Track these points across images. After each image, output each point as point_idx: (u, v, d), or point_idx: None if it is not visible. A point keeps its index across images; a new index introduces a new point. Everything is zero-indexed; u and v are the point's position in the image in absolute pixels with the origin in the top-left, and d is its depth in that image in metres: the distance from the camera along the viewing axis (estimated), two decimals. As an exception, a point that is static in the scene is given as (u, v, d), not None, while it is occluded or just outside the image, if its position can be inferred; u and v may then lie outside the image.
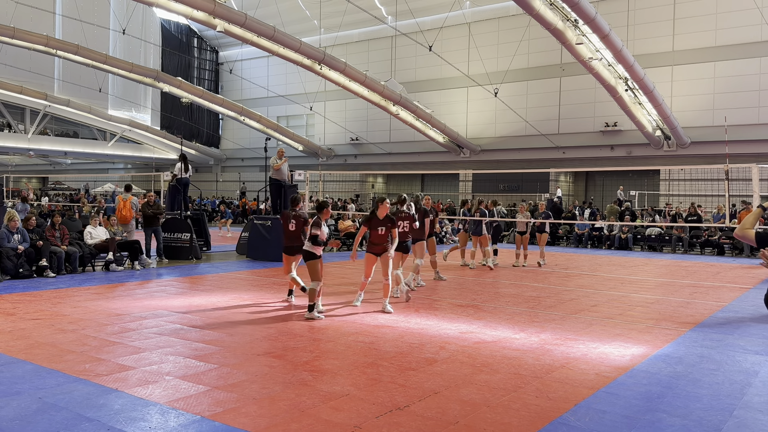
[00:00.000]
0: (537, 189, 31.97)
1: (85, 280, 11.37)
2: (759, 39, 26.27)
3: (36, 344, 6.40)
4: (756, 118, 26.41)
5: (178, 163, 16.35)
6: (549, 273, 13.73)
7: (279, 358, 6.03)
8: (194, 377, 5.34)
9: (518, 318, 8.21)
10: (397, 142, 36.88)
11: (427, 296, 10.15)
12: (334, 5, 33.05)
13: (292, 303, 9.15)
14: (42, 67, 37.03)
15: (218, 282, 11.33)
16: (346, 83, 29.12)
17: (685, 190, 27.62)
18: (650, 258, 18.14)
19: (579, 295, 10.43)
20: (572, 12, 20.44)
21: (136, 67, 32.51)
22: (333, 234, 19.41)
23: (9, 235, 11.19)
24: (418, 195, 12.51)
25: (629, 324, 7.96)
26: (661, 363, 6.06)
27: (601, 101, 28.94)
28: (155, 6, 23.91)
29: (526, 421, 4.43)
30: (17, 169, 49.73)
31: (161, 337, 6.80)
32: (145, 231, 14.65)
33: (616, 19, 27.53)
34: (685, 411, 4.70)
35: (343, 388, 5.11)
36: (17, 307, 8.49)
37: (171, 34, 44.16)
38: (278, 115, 42.49)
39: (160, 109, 44.82)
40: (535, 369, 5.78)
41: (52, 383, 5.11)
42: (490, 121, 33.60)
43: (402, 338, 6.98)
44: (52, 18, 37.72)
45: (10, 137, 40.69)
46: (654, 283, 12.36)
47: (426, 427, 4.29)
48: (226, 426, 4.24)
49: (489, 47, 32.76)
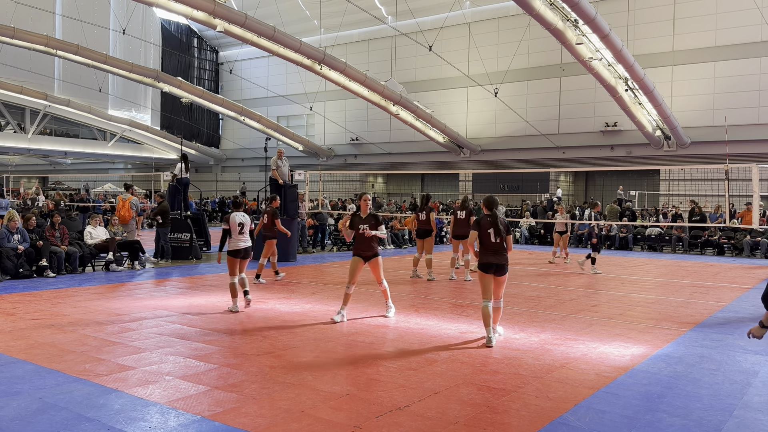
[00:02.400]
0: (537, 189, 31.97)
1: (85, 280, 11.37)
2: (759, 39, 26.27)
3: (36, 344, 6.40)
4: (756, 118, 26.40)
5: (179, 163, 16.35)
6: (549, 273, 13.74)
7: (279, 358, 6.03)
8: (194, 377, 5.34)
9: (518, 318, 8.21)
10: (397, 142, 36.88)
11: (427, 296, 10.15)
12: (334, 5, 33.05)
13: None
14: (42, 67, 37.03)
15: (218, 282, 11.33)
16: (346, 83, 29.12)
17: (685, 190, 27.62)
18: (650, 258, 18.14)
19: (579, 295, 10.43)
20: (572, 12, 20.45)
21: (136, 67, 32.51)
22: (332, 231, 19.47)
23: (9, 235, 11.19)
24: (467, 196, 12.69)
25: (629, 324, 7.96)
26: (661, 363, 6.06)
27: (601, 101, 28.94)
28: (155, 6, 23.91)
29: (526, 421, 4.43)
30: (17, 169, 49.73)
31: (161, 337, 6.80)
32: (158, 231, 14.61)
33: (616, 19, 27.53)
34: (685, 411, 4.70)
35: (343, 388, 5.11)
36: (17, 307, 8.49)
37: (171, 34, 44.15)
38: (278, 115, 42.49)
39: (160, 109, 44.82)
40: (535, 369, 5.78)
41: (52, 383, 5.11)
42: (490, 121, 33.60)
43: (402, 338, 6.98)
44: (52, 18, 37.71)
45: (10, 137, 40.70)
46: (654, 283, 12.36)
47: (426, 427, 4.29)
48: (226, 426, 4.24)
49: (489, 47, 32.76)
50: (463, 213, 12.19)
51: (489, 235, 6.83)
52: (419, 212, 12.40)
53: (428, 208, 12.37)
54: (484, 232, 6.87)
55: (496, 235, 6.81)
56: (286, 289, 10.55)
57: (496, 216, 6.90)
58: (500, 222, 6.86)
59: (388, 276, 12.72)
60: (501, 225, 6.84)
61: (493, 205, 7.02)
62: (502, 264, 6.82)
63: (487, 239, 6.85)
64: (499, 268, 6.81)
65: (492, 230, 6.83)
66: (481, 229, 6.90)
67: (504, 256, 6.84)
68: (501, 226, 6.83)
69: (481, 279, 6.86)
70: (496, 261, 6.80)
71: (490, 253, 6.83)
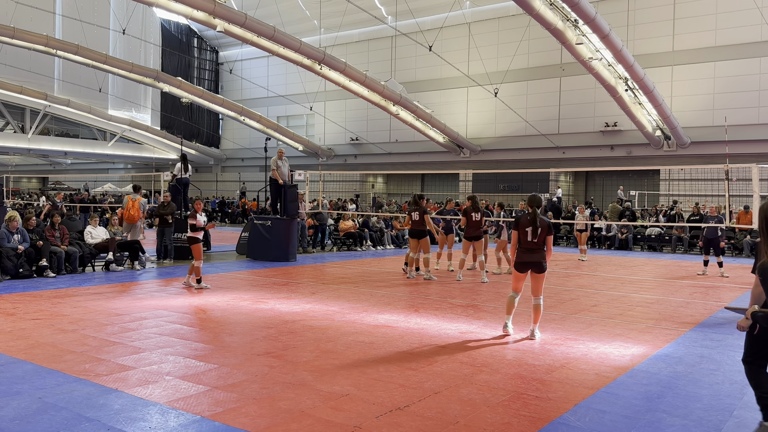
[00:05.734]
0: (537, 189, 31.90)
1: (85, 280, 11.37)
2: (759, 39, 26.27)
3: (36, 344, 6.40)
4: (756, 118, 26.40)
5: (178, 163, 16.35)
6: (549, 273, 13.68)
7: (279, 358, 6.03)
8: (194, 377, 5.34)
9: (518, 318, 8.20)
10: (397, 142, 36.88)
11: (427, 296, 10.15)
12: (334, 5, 33.06)
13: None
14: (42, 67, 37.03)
15: (218, 282, 11.33)
16: (346, 83, 29.13)
17: (685, 190, 27.63)
18: (650, 258, 18.14)
19: (579, 295, 10.43)
20: (572, 12, 20.45)
21: (136, 67, 32.51)
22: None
23: (9, 235, 11.18)
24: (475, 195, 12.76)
25: (629, 324, 7.96)
26: (661, 363, 6.06)
27: (601, 101, 28.95)
28: (155, 6, 23.91)
29: (526, 421, 4.43)
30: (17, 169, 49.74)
31: (161, 337, 6.80)
32: (158, 231, 14.64)
33: (616, 19, 27.52)
34: (685, 411, 4.70)
35: (343, 388, 5.11)
36: (17, 307, 8.49)
37: (171, 34, 44.16)
38: (278, 115, 42.49)
39: (160, 109, 44.82)
40: (535, 369, 5.78)
41: (52, 383, 5.11)
42: (490, 121, 33.61)
43: (402, 338, 6.98)
44: (52, 18, 37.71)
45: (10, 137, 40.70)
46: (654, 283, 12.36)
47: (426, 427, 4.29)
48: (226, 426, 4.24)
49: (489, 47, 32.77)
50: (478, 214, 12.15)
51: (527, 234, 6.89)
52: (411, 213, 12.31)
53: (422, 208, 12.23)
54: (522, 231, 6.92)
55: (533, 235, 6.85)
56: (286, 289, 10.55)
57: (536, 214, 6.91)
58: (539, 221, 6.88)
59: (388, 276, 12.73)
60: (540, 224, 6.86)
61: (536, 203, 7.02)
62: (539, 262, 6.89)
63: (524, 238, 6.91)
64: (535, 266, 6.91)
65: (530, 228, 6.87)
66: (519, 228, 6.95)
67: (540, 254, 6.88)
68: (540, 225, 6.86)
69: (515, 275, 7.07)
70: (530, 260, 6.90)
71: (526, 251, 6.91)
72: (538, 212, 6.93)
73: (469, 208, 12.26)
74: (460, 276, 12.27)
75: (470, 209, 12.22)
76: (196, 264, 10.55)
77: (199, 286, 10.48)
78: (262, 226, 15.51)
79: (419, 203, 12.36)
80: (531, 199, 7.11)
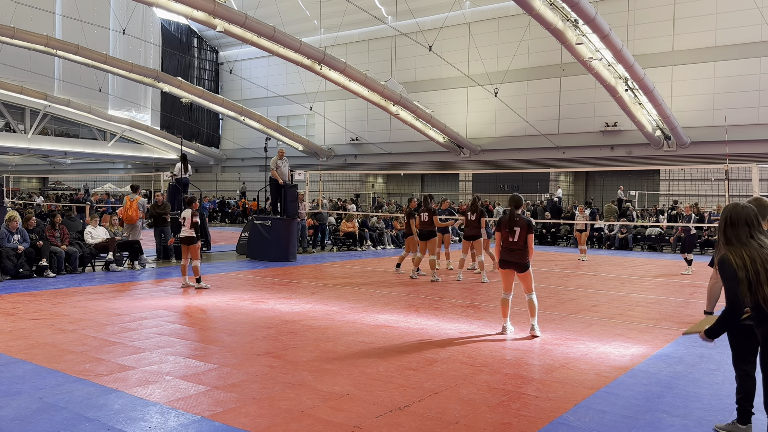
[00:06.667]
0: (537, 189, 31.96)
1: (85, 280, 11.37)
2: (759, 39, 26.26)
3: (36, 344, 6.40)
4: (756, 118, 26.40)
5: (178, 163, 16.35)
6: (549, 273, 13.73)
7: (279, 358, 6.03)
8: (194, 377, 5.34)
9: (518, 318, 8.20)
10: (397, 142, 36.87)
11: (427, 296, 10.15)
12: (334, 5, 33.05)
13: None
14: (42, 67, 37.03)
15: (218, 282, 11.33)
16: (346, 83, 29.12)
17: (685, 190, 27.62)
18: (650, 258, 18.14)
19: (579, 295, 10.43)
20: (572, 12, 20.45)
21: (136, 67, 32.50)
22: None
23: (9, 235, 11.19)
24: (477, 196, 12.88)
25: (629, 324, 7.96)
26: (661, 363, 6.06)
27: (601, 101, 28.94)
28: (155, 6, 23.91)
29: (526, 421, 4.43)
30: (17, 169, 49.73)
31: (161, 337, 6.80)
32: (155, 231, 14.66)
33: (616, 19, 27.52)
34: (685, 411, 4.70)
35: (343, 388, 5.11)
36: (17, 307, 8.49)
37: (171, 34, 44.15)
38: (278, 115, 42.48)
39: (160, 109, 44.81)
40: (535, 369, 5.78)
41: (52, 383, 5.11)
42: (490, 121, 33.60)
43: (402, 338, 6.98)
44: (52, 18, 37.71)
45: (10, 137, 40.69)
46: (654, 283, 12.36)
47: (426, 427, 4.29)
48: (226, 426, 4.24)
49: (489, 47, 32.76)
50: (473, 215, 12.16)
51: (507, 234, 7.04)
52: (420, 213, 12.30)
53: (430, 208, 12.24)
54: (503, 230, 7.08)
55: (511, 234, 6.97)
56: (286, 289, 10.55)
57: (514, 214, 7.02)
58: (518, 220, 6.97)
59: (388, 276, 12.74)
60: (519, 224, 6.94)
61: (515, 203, 7.11)
62: (517, 262, 6.98)
63: (505, 237, 7.06)
64: (516, 266, 7.02)
65: (509, 228, 7.01)
66: (501, 228, 7.12)
67: (519, 254, 6.96)
68: (519, 225, 6.94)
69: (501, 274, 7.23)
70: (511, 259, 7.02)
71: (506, 251, 7.06)
72: (516, 212, 7.04)
73: (467, 208, 12.35)
74: (460, 276, 12.29)
75: (467, 209, 12.33)
76: (195, 263, 10.63)
77: (198, 286, 10.48)
78: (262, 226, 15.51)
79: (428, 203, 12.32)
80: (511, 198, 7.23)
